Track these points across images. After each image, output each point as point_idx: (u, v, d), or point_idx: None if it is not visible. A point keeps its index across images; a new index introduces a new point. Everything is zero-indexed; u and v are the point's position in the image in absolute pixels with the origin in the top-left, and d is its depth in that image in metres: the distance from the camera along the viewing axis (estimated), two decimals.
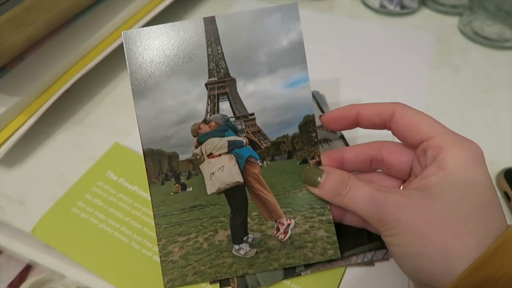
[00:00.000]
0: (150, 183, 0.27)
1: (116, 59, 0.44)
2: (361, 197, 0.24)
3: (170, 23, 0.27)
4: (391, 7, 0.52)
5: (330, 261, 0.28)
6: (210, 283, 0.27)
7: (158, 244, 0.27)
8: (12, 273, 0.41)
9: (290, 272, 0.28)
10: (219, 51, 0.27)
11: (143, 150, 0.27)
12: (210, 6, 0.55)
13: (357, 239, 0.29)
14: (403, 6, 0.51)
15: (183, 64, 0.27)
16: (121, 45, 0.42)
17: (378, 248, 0.29)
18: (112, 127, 0.38)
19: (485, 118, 0.39)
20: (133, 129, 0.38)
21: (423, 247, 0.21)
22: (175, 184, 0.28)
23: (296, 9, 0.27)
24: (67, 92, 0.38)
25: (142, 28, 0.27)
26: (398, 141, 0.27)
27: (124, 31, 0.27)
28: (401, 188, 0.27)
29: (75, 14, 0.38)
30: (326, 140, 0.34)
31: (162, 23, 0.44)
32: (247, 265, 0.27)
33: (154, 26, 0.27)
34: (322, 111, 0.38)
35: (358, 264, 0.28)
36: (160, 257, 0.27)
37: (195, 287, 0.27)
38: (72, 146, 0.37)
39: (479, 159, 0.23)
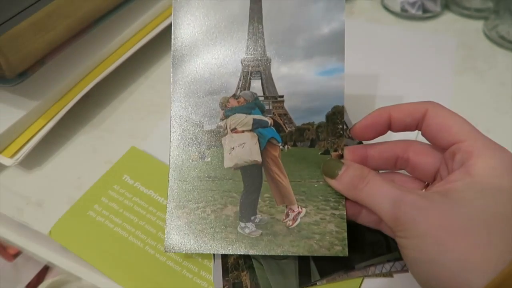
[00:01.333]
0: (173, 145, 0.27)
1: (134, 64, 0.45)
2: (379, 193, 0.23)
3: None
4: (413, 10, 0.50)
5: (346, 271, 0.27)
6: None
7: (167, 207, 0.27)
8: (30, 274, 0.42)
9: (305, 281, 0.27)
10: (260, 30, 0.28)
11: (172, 117, 0.27)
12: None
13: (376, 249, 0.28)
14: (425, 10, 0.50)
15: (224, 38, 0.28)
16: (139, 50, 0.43)
17: (397, 259, 0.28)
18: (129, 131, 0.39)
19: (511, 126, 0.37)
20: (150, 133, 0.38)
21: (439, 254, 0.20)
22: (195, 152, 0.27)
23: (342, 4, 0.27)
24: (86, 96, 0.38)
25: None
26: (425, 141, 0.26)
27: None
28: (423, 190, 0.26)
29: (95, 19, 0.39)
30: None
31: None
32: (250, 245, 0.26)
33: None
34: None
35: (376, 275, 0.27)
36: (166, 220, 0.26)
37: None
38: (89, 149, 0.37)
39: (508, 166, 0.21)
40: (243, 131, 0.27)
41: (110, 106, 0.42)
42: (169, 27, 0.46)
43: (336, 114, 0.27)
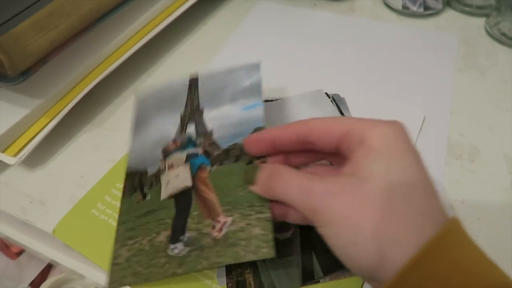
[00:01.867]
0: (122, 197, 0.30)
1: (136, 63, 0.45)
2: (292, 187, 0.23)
3: (166, 83, 0.36)
4: (414, 8, 0.50)
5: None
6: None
7: (112, 249, 0.28)
8: (34, 272, 0.42)
9: (308, 278, 0.27)
10: (196, 93, 0.35)
11: (126, 173, 0.32)
12: (229, 9, 0.55)
13: None
14: (426, 7, 0.50)
15: (168, 104, 0.35)
16: (141, 48, 0.43)
17: None
18: None
19: None
20: None
21: (354, 235, 0.20)
22: (139, 195, 0.30)
23: (259, 67, 0.34)
24: (89, 94, 0.38)
25: (149, 90, 0.36)
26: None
27: (136, 93, 0.36)
28: None
29: (96, 18, 0.39)
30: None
31: (182, 26, 0.46)
32: (177, 265, 0.26)
33: (155, 88, 0.36)
34: (342, 114, 0.38)
35: None
36: (111, 261, 0.27)
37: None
38: (92, 148, 0.37)
39: (403, 134, 0.22)
40: (178, 166, 0.30)
41: (112, 104, 0.42)
42: (171, 25, 0.46)
43: (257, 131, 0.29)
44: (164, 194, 0.29)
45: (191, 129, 0.32)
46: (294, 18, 0.52)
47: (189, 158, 0.30)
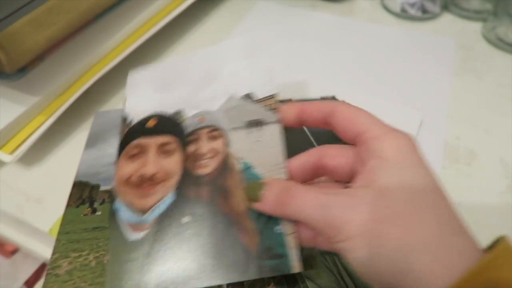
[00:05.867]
0: (67, 206, 0.30)
1: (134, 61, 0.44)
2: (307, 204, 0.22)
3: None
4: (412, 11, 0.51)
5: None
6: None
7: (50, 258, 0.27)
8: (28, 271, 0.42)
9: None
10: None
11: (74, 181, 0.31)
12: (228, 9, 0.55)
13: None
14: (424, 11, 0.51)
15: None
16: (139, 47, 0.43)
17: None
18: None
19: (510, 128, 0.38)
20: None
21: (378, 247, 0.19)
22: (87, 208, 0.29)
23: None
24: (86, 92, 0.38)
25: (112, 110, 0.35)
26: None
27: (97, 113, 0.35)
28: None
29: (95, 15, 0.38)
30: (257, 123, 0.30)
31: (181, 26, 0.46)
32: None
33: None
34: None
35: None
36: (47, 270, 0.27)
37: None
38: None
39: (414, 146, 0.22)
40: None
41: (110, 102, 0.41)
42: (170, 24, 0.46)
43: None
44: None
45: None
46: (292, 19, 0.52)
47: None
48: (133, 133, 0.32)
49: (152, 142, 0.31)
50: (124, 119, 0.33)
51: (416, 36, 0.49)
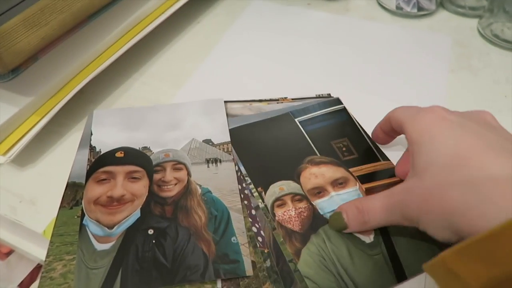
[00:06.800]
0: (61, 207, 0.31)
1: (129, 61, 0.44)
2: (379, 212, 0.26)
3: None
4: (408, 8, 0.51)
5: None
6: None
7: (45, 261, 0.27)
8: (23, 273, 0.41)
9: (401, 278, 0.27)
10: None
11: (67, 182, 0.32)
12: (224, 7, 0.54)
13: None
14: (420, 8, 0.50)
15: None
16: (134, 46, 0.42)
17: None
18: None
19: (506, 124, 0.37)
20: None
21: (442, 214, 0.22)
22: (81, 210, 0.30)
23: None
24: (80, 92, 0.37)
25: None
26: None
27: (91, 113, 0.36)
28: None
29: (89, 15, 0.38)
30: (215, 161, 0.34)
31: (175, 24, 0.46)
32: None
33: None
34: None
35: None
36: (42, 273, 0.27)
37: None
38: None
39: (435, 119, 0.26)
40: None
41: (104, 102, 0.41)
42: (164, 23, 0.45)
43: None
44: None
45: None
46: (288, 17, 0.52)
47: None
48: (103, 160, 0.33)
49: (121, 170, 0.33)
50: (93, 147, 0.35)
51: (412, 33, 0.49)
